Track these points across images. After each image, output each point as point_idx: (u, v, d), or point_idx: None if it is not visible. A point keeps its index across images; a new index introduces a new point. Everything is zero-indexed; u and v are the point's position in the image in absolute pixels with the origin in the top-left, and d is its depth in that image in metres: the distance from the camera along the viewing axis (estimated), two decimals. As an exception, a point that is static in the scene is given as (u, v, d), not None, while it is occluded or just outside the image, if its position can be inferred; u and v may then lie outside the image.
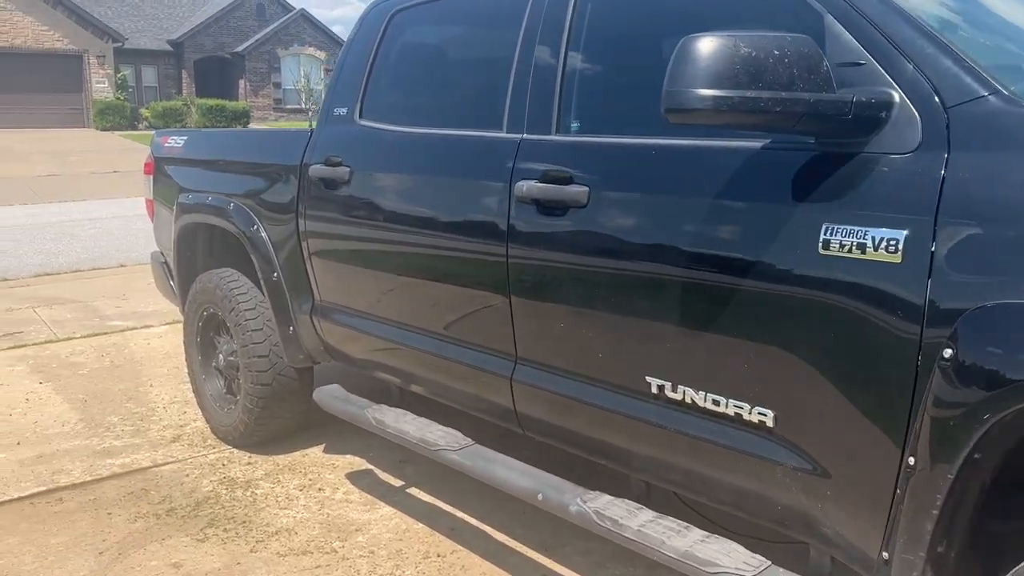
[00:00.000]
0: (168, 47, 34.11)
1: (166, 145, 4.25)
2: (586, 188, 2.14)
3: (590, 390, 2.22)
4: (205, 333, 3.96)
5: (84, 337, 5.83)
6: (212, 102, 29.83)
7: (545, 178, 2.25)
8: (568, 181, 2.18)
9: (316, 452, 3.79)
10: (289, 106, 35.24)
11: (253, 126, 30.06)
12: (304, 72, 34.23)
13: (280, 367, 3.56)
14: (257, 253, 3.43)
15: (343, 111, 3.09)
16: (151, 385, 4.78)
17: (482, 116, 2.58)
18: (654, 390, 2.05)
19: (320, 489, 3.42)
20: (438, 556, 2.90)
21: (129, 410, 4.37)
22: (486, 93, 2.60)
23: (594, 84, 2.33)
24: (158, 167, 4.32)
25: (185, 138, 4.10)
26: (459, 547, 2.95)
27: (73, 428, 4.12)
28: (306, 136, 3.25)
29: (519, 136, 2.38)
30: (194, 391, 4.08)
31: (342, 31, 37.23)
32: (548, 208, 2.23)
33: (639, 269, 2.03)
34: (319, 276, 3.19)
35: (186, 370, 4.18)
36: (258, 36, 34.73)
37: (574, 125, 2.31)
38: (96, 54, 29.77)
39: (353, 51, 3.15)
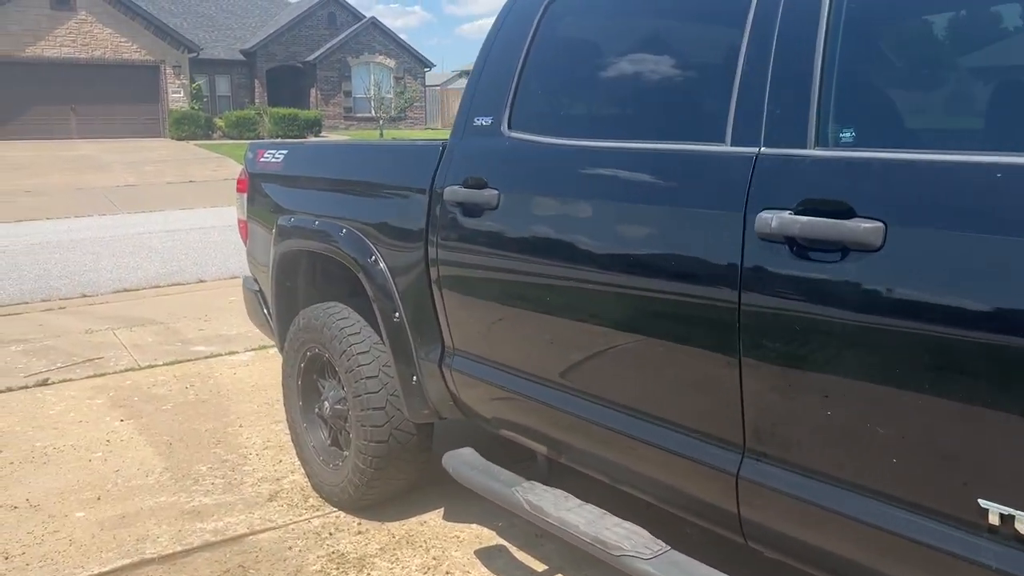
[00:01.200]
0: (241, 57, 34.39)
1: (262, 160, 3.75)
2: (879, 224, 1.52)
3: (869, 505, 1.60)
4: (307, 376, 3.44)
5: (167, 365, 5.41)
6: (284, 111, 29.88)
7: (806, 209, 1.63)
8: (848, 214, 1.57)
9: (435, 520, 3.23)
10: (359, 115, 35.20)
11: (325, 135, 30.03)
12: (375, 80, 34.15)
13: (398, 421, 3.01)
14: (375, 288, 2.88)
15: (486, 121, 2.53)
16: (240, 425, 4.30)
17: (688, 124, 1.99)
18: (993, 520, 1.42)
19: (448, 573, 2.85)
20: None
21: (218, 457, 3.88)
22: (694, 94, 2.01)
23: (881, 75, 1.72)
24: (253, 184, 3.83)
25: (285, 152, 3.59)
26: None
27: (158, 479, 3.65)
28: (436, 151, 2.69)
29: (753, 150, 1.78)
30: (294, 441, 3.57)
31: (407, 40, 37.21)
32: (813, 250, 1.62)
33: (975, 340, 1.41)
34: (453, 319, 2.63)
35: (278, 407, 3.68)
36: (329, 45, 34.78)
37: (845, 135, 1.69)
38: (172, 64, 30.10)
39: (498, 48, 2.59)
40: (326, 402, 3.30)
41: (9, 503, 3.44)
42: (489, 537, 3.08)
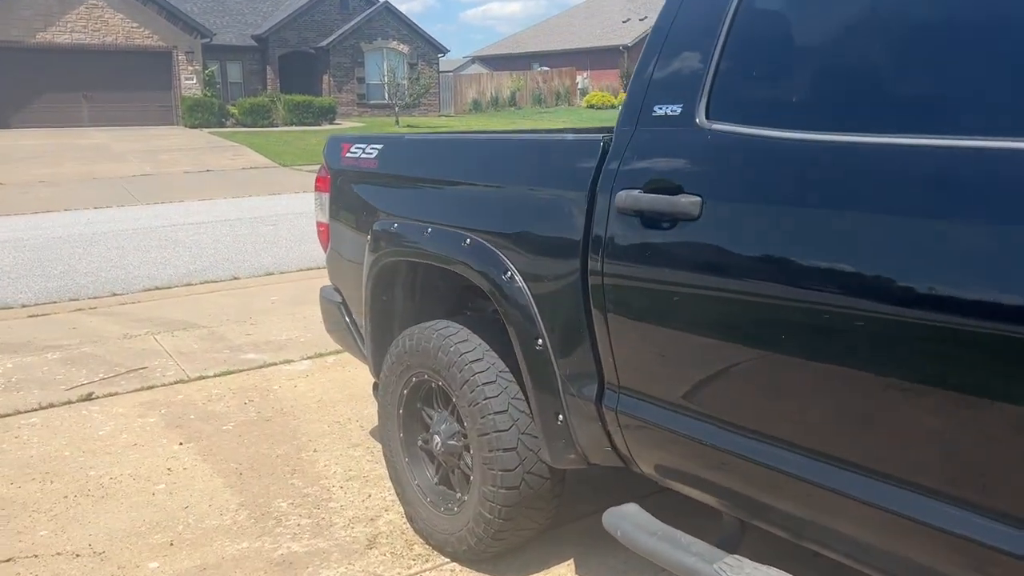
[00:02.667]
0: (253, 43, 33.81)
1: (349, 155, 3.30)
2: None
3: None
4: (411, 404, 3.00)
5: (218, 376, 4.97)
6: (298, 98, 29.34)
7: None
8: None
9: (565, 573, 2.79)
10: (372, 101, 34.62)
11: (339, 123, 29.51)
12: (389, 67, 33.57)
13: (531, 464, 2.57)
14: (511, 310, 2.43)
15: (672, 110, 2.06)
16: (314, 449, 3.86)
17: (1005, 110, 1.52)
18: None
19: (604, 648, 2.41)
20: None
21: (298, 490, 3.44)
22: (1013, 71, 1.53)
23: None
24: (337, 183, 3.38)
25: (380, 147, 3.13)
26: None
27: (235, 519, 3.21)
28: (596, 147, 2.23)
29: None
30: (392, 478, 3.12)
31: (435, 19, 36.52)
32: None
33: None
34: (622, 352, 2.17)
35: (351, 426, 3.25)
36: (342, 30, 34.16)
37: None
38: (185, 50, 29.55)
39: (685, 19, 2.12)
40: (436, 436, 2.86)
41: (70, 549, 3.01)
42: (636, 598, 2.64)
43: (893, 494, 1.62)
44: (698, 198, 1.92)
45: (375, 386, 3.35)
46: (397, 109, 31.29)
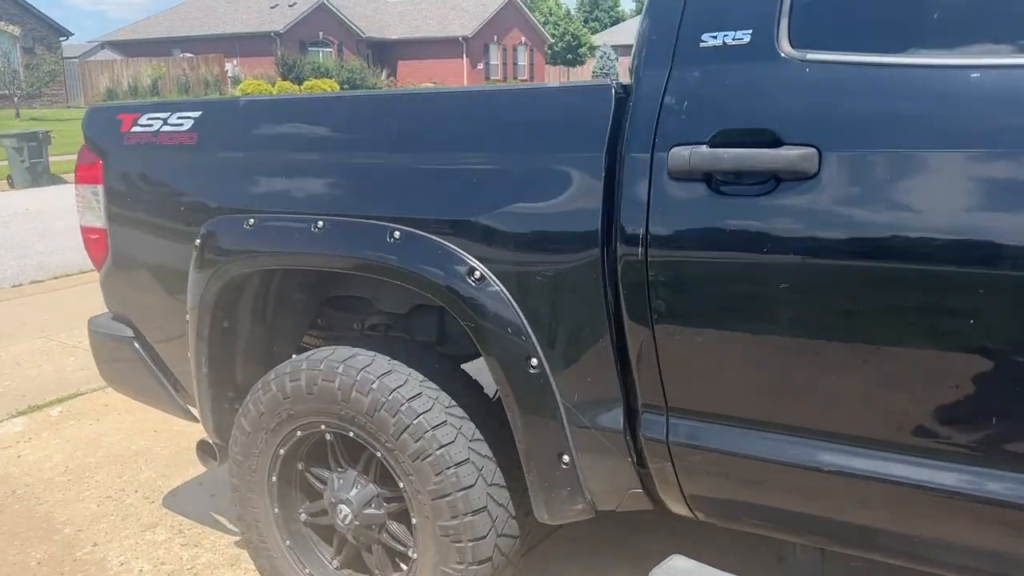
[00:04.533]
0: None
1: (137, 129, 2.34)
2: None
3: None
4: (289, 466, 2.18)
5: None
6: None
7: None
8: None
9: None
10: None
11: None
12: (1, 51, 28.62)
13: (503, 525, 1.94)
14: (485, 323, 1.77)
15: (737, 38, 1.54)
16: (94, 543, 2.80)
17: None
18: None
19: None
20: None
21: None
22: None
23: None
24: (120, 171, 2.39)
25: (197, 115, 2.22)
26: None
27: None
28: (607, 95, 1.65)
29: None
30: (264, 570, 2.26)
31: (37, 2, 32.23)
32: None
33: None
34: (677, 362, 1.62)
35: (131, 500, 2.35)
36: (-70, 8, 28.48)
37: None
38: None
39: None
40: (342, 506, 2.08)
41: None
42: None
43: None
44: (812, 149, 1.43)
45: (201, 445, 2.46)
46: (16, 100, 26.82)
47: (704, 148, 1.51)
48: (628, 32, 67.45)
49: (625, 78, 1.73)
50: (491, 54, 43.76)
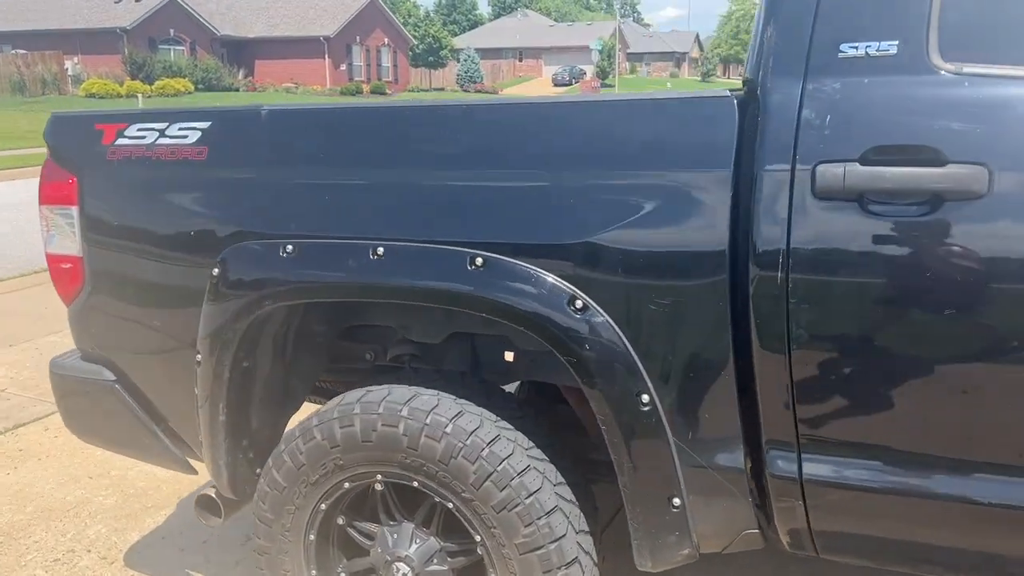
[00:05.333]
0: None
1: (123, 142, 2.02)
2: None
3: None
4: (329, 522, 1.93)
5: None
6: None
7: None
8: None
9: None
10: None
11: None
12: None
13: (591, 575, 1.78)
14: (591, 357, 1.61)
15: (883, 48, 1.45)
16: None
17: None
18: None
19: None
20: None
21: None
22: None
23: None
24: (102, 191, 2.07)
25: (206, 126, 1.93)
26: None
27: None
28: (730, 107, 1.53)
29: None
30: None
31: None
32: None
33: None
34: (812, 391, 1.52)
35: (87, 562, 2.07)
36: None
37: None
38: None
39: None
40: (399, 565, 1.86)
41: None
42: None
43: None
44: (981, 167, 1.35)
45: (202, 500, 2.17)
46: None
47: (858, 166, 1.41)
48: (489, 35, 68.01)
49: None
50: (354, 55, 42.97)
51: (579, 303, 1.60)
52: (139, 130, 2.02)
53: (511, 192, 1.67)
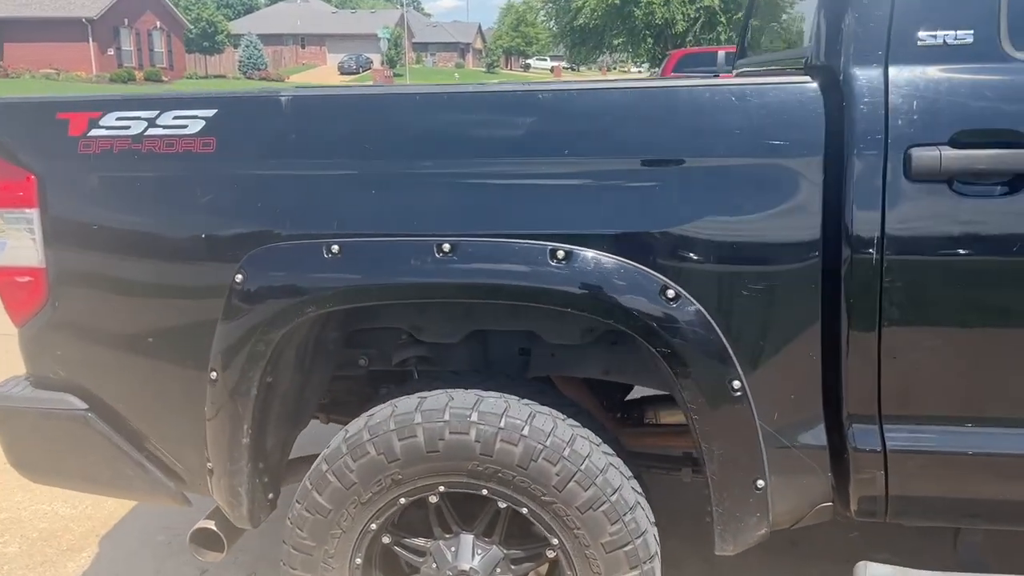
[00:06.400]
0: None
1: (99, 133, 1.74)
2: None
3: None
4: (376, 542, 1.79)
5: None
6: None
7: None
8: None
9: None
10: None
11: None
12: None
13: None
14: (683, 347, 1.59)
15: (960, 37, 1.53)
16: None
17: None
18: None
19: None
20: None
21: None
22: None
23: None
24: (70, 187, 1.78)
25: (211, 112, 1.70)
26: None
27: None
28: (815, 93, 1.56)
29: None
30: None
31: None
32: None
33: None
34: (905, 368, 1.59)
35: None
36: None
37: None
38: None
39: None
40: (465, 578, 1.76)
41: None
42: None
43: None
44: (1068, 151, 1.48)
45: (198, 535, 1.95)
46: None
47: (951, 149, 1.49)
48: (268, 21, 65.24)
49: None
50: (122, 39, 39.73)
51: (671, 292, 1.58)
52: (119, 119, 1.74)
53: (588, 181, 1.61)
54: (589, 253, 1.59)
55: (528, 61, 73.25)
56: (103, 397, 1.87)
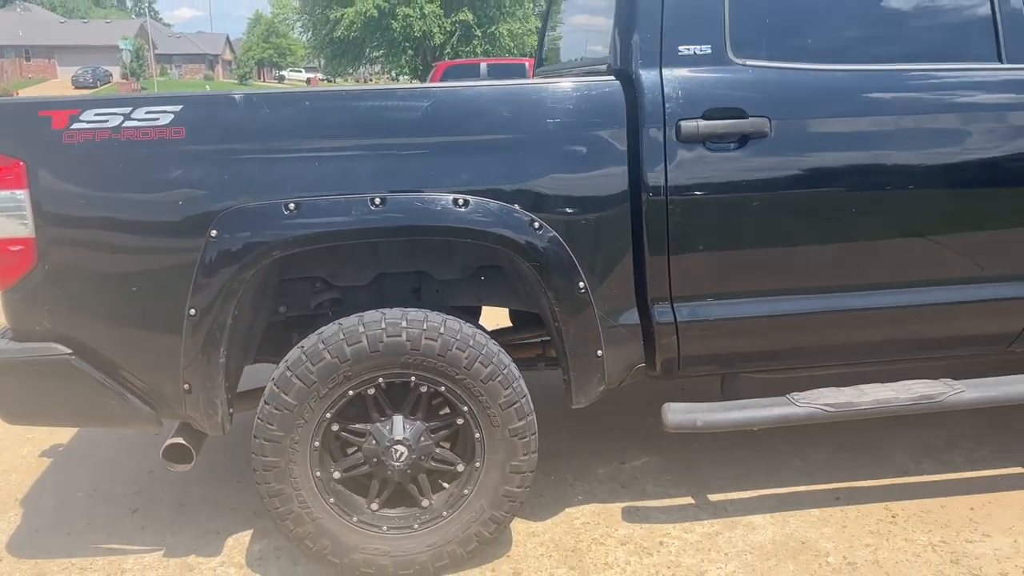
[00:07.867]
0: None
1: (81, 126, 2.20)
2: None
3: None
4: (329, 429, 2.38)
5: None
6: None
7: None
8: None
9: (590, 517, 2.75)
10: None
11: None
12: None
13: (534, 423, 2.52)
14: (543, 264, 2.34)
15: (701, 50, 2.39)
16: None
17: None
18: None
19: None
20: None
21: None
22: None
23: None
24: (58, 170, 2.22)
25: (177, 108, 2.22)
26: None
27: None
28: (612, 89, 2.37)
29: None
30: (306, 547, 2.40)
31: None
32: None
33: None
34: (686, 264, 2.43)
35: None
36: None
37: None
38: None
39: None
40: (398, 448, 2.38)
41: None
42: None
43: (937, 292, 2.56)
44: (764, 119, 2.39)
45: (170, 450, 2.44)
46: None
47: (701, 121, 2.35)
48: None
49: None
50: None
51: (535, 225, 2.31)
52: (97, 115, 2.20)
53: (472, 151, 2.33)
54: (481, 199, 2.29)
55: (283, 73, 71.89)
56: (87, 342, 2.30)
